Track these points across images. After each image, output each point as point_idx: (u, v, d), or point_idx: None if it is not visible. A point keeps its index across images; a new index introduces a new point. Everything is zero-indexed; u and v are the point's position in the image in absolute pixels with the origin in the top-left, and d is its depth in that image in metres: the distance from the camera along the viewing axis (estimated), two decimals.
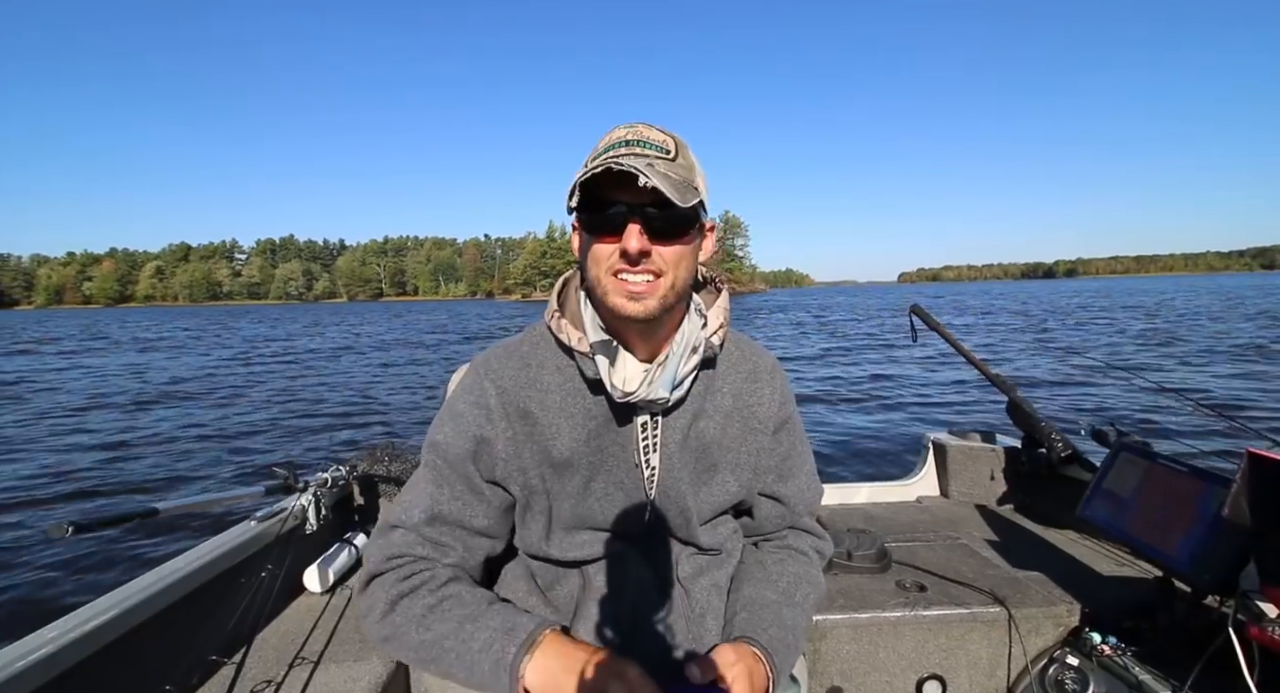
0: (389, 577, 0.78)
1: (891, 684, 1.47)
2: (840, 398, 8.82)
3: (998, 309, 34.60)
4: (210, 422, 8.35)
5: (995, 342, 16.51)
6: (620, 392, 0.77)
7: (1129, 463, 1.49)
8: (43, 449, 6.92)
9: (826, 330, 23.59)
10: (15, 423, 8.51)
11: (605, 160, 0.68)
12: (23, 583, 3.50)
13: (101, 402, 10.33)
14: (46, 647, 0.98)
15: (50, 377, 14.23)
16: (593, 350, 0.78)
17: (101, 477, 5.82)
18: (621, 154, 0.69)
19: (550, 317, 0.83)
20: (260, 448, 6.91)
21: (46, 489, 5.41)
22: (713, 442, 0.86)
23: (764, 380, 0.90)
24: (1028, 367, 11.21)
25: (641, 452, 0.82)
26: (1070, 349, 13.52)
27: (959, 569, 1.63)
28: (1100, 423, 1.84)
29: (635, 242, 0.70)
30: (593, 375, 0.79)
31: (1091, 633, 1.35)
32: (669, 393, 0.78)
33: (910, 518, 2.09)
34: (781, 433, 0.92)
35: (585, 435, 0.81)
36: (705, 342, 0.81)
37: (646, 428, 0.82)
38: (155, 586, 1.22)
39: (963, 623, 1.45)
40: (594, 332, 0.79)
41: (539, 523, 0.85)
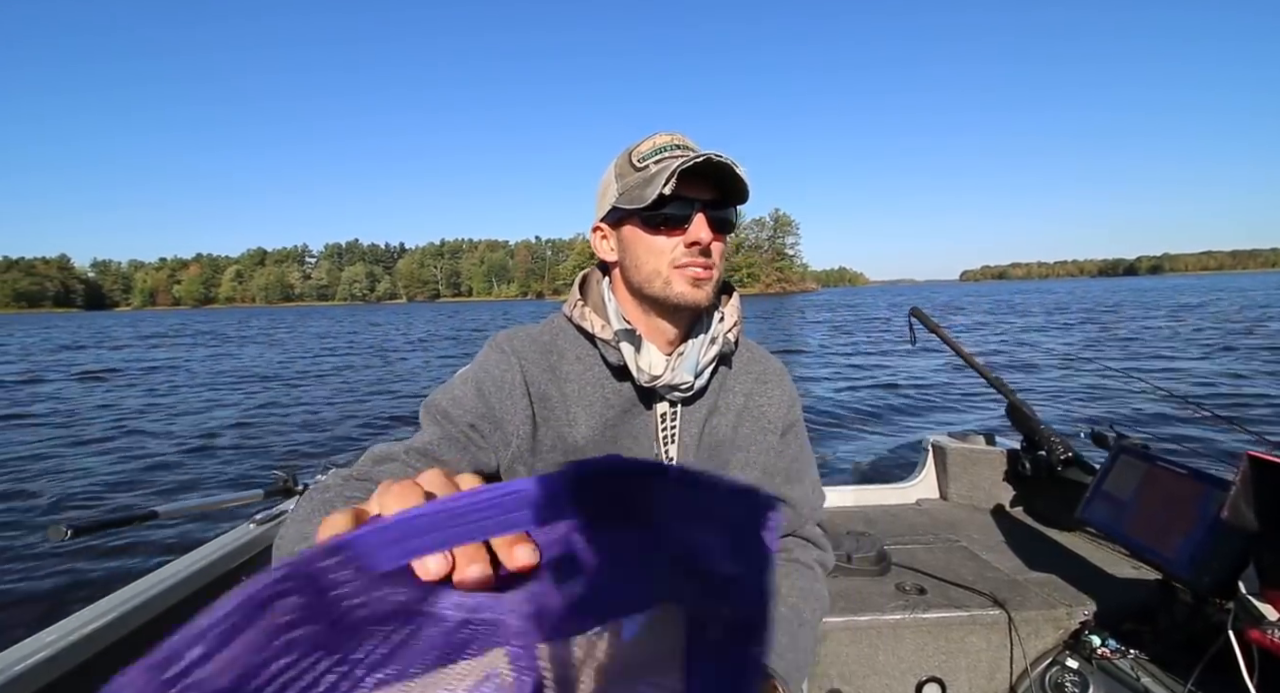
0: (344, 485, 0.69)
1: (891, 687, 1.47)
2: (840, 396, 8.83)
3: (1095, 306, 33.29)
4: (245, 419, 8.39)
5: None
6: (647, 375, 0.80)
7: (1128, 465, 1.49)
8: (43, 449, 6.92)
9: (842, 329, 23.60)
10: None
11: (683, 154, 0.74)
12: (22, 586, 3.49)
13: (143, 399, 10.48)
14: (45, 650, 0.98)
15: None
16: (617, 338, 0.81)
17: (104, 477, 5.82)
18: (678, 157, 0.74)
19: (573, 306, 0.85)
20: (244, 453, 6.90)
21: (46, 489, 5.40)
22: (725, 440, 0.88)
23: (773, 383, 0.92)
24: (1045, 375, 11.19)
25: (661, 442, 0.84)
26: (1069, 352, 13.51)
27: (958, 572, 1.63)
28: (1100, 425, 1.84)
29: (706, 233, 0.75)
30: (616, 362, 0.81)
31: (1091, 636, 1.35)
32: (692, 376, 0.81)
33: (910, 520, 2.09)
34: (789, 436, 0.94)
35: (601, 424, 0.82)
36: (723, 336, 0.85)
37: (666, 418, 0.84)
38: (154, 589, 1.22)
39: (962, 626, 1.45)
40: (617, 321, 0.82)
41: None
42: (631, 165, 0.77)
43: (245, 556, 1.47)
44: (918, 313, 2.39)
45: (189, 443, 7.21)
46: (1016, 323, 23.94)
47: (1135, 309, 28.91)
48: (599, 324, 0.82)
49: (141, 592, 1.19)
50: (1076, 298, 47.12)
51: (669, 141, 0.77)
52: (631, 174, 0.77)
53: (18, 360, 19.13)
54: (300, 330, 34.75)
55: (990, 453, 2.25)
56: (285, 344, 24.06)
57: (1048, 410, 6.55)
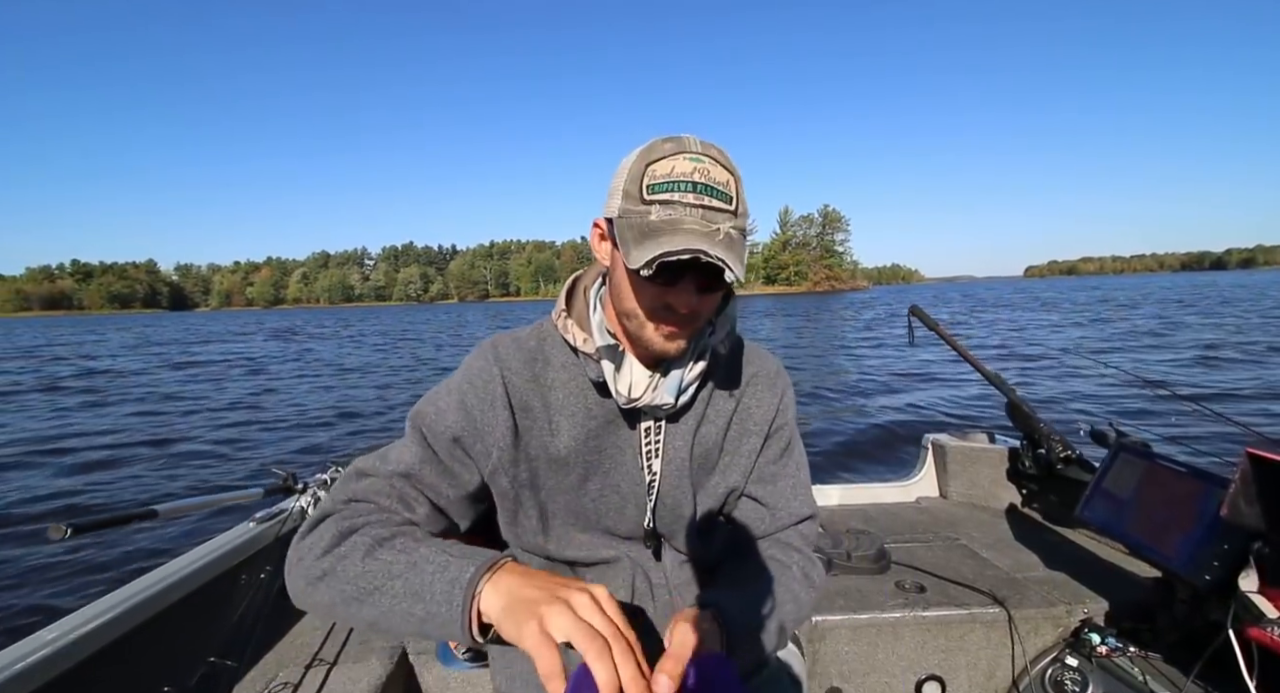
0: (344, 513, 0.72)
1: (891, 685, 1.47)
2: (839, 398, 8.83)
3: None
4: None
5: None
6: (625, 397, 0.77)
7: (1128, 463, 1.49)
8: (46, 450, 6.93)
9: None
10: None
11: (679, 222, 0.66)
12: (22, 585, 3.49)
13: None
14: (46, 648, 0.98)
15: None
16: (598, 354, 0.78)
17: (109, 477, 5.82)
18: (689, 203, 0.66)
19: (557, 316, 0.83)
20: (251, 449, 6.92)
21: (45, 491, 5.40)
22: (713, 446, 0.86)
23: (764, 384, 0.90)
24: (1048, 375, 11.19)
25: (645, 457, 0.82)
26: (1068, 350, 13.50)
27: (958, 570, 1.63)
28: (1099, 423, 1.84)
29: (686, 304, 0.70)
30: (596, 378, 0.79)
31: (1091, 634, 1.35)
32: (674, 399, 0.78)
33: (909, 519, 2.09)
34: (775, 439, 0.91)
35: (584, 434, 0.81)
36: (711, 349, 0.82)
37: (650, 433, 0.82)
38: (154, 587, 1.22)
39: (962, 624, 1.45)
40: (600, 336, 0.79)
41: (531, 519, 0.84)
42: (640, 190, 0.67)
43: (245, 554, 1.47)
44: (917, 311, 2.40)
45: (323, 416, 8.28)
46: (1050, 318, 23.59)
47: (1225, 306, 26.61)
48: (581, 337, 0.79)
49: (141, 591, 1.19)
50: (1145, 293, 44.76)
51: (687, 174, 0.66)
52: (637, 203, 0.67)
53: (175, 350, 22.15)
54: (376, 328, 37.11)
55: (990, 451, 2.25)
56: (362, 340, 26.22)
57: (1047, 408, 6.55)
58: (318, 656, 1.34)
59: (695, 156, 0.67)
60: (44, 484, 5.63)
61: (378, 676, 1.28)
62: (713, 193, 0.67)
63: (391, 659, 1.34)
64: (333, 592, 0.66)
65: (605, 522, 0.84)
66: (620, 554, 0.85)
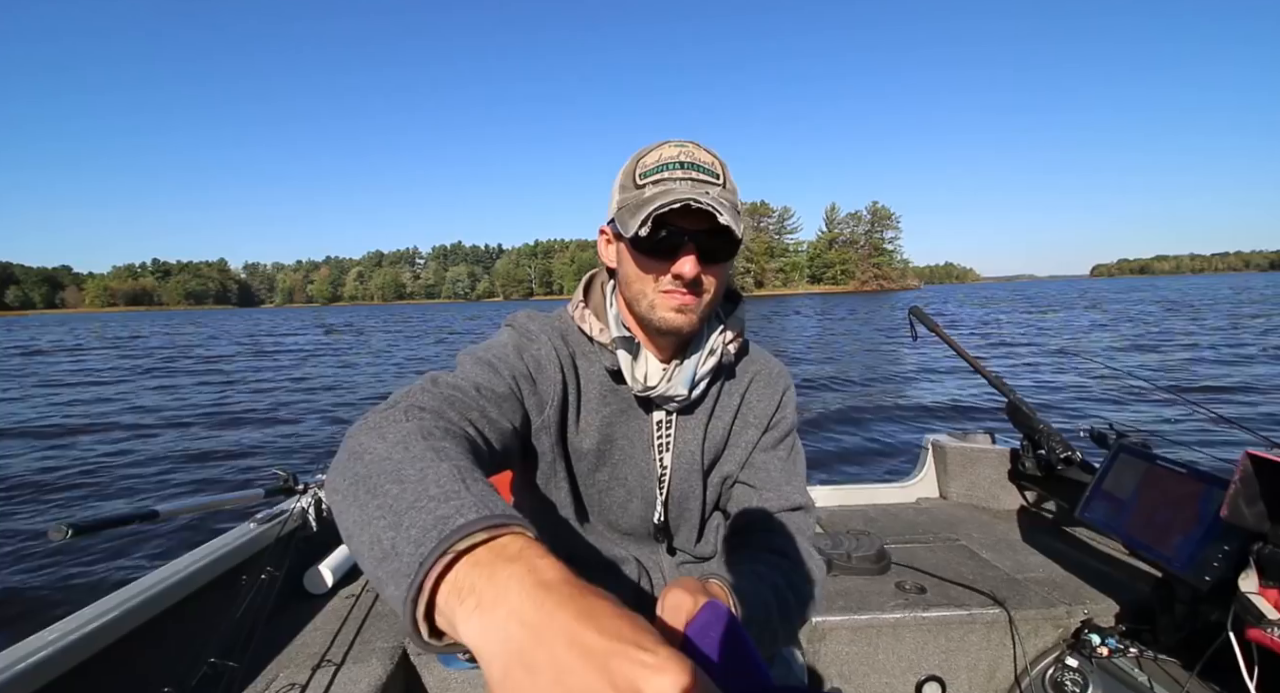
0: (419, 397, 0.65)
1: (891, 686, 1.47)
2: (840, 397, 8.83)
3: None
4: None
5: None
6: (641, 385, 0.80)
7: (1128, 464, 1.49)
8: (46, 448, 6.92)
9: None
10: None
11: (671, 190, 0.71)
12: (23, 585, 3.49)
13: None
14: (47, 649, 0.98)
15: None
16: (615, 344, 0.81)
17: (110, 477, 5.82)
18: (678, 177, 0.72)
19: (575, 308, 0.86)
20: (252, 451, 6.93)
21: (45, 491, 5.40)
22: (721, 441, 0.89)
23: (765, 383, 0.93)
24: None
25: (656, 449, 0.85)
26: (1067, 350, 13.50)
27: (958, 571, 1.64)
28: (1099, 424, 1.84)
29: (690, 268, 0.73)
30: (612, 367, 0.82)
31: (1091, 635, 1.35)
32: (687, 390, 0.81)
33: (910, 519, 2.09)
34: (772, 431, 0.92)
35: (598, 423, 0.83)
36: (723, 347, 0.85)
37: (662, 426, 0.85)
38: (155, 587, 1.22)
39: (962, 625, 1.45)
40: (616, 327, 0.82)
41: (563, 490, 0.84)
42: (633, 179, 0.75)
43: (245, 555, 1.48)
44: (917, 312, 2.41)
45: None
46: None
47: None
48: (598, 328, 0.82)
49: (141, 592, 1.20)
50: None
51: (674, 157, 0.73)
52: (631, 190, 0.75)
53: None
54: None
55: (990, 452, 2.25)
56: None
57: (1047, 409, 6.55)
58: (319, 656, 1.34)
59: (679, 143, 0.75)
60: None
61: (379, 676, 1.28)
62: (699, 169, 0.74)
63: (393, 660, 1.34)
64: (355, 466, 0.52)
65: (608, 515, 0.86)
66: (627, 555, 0.87)
